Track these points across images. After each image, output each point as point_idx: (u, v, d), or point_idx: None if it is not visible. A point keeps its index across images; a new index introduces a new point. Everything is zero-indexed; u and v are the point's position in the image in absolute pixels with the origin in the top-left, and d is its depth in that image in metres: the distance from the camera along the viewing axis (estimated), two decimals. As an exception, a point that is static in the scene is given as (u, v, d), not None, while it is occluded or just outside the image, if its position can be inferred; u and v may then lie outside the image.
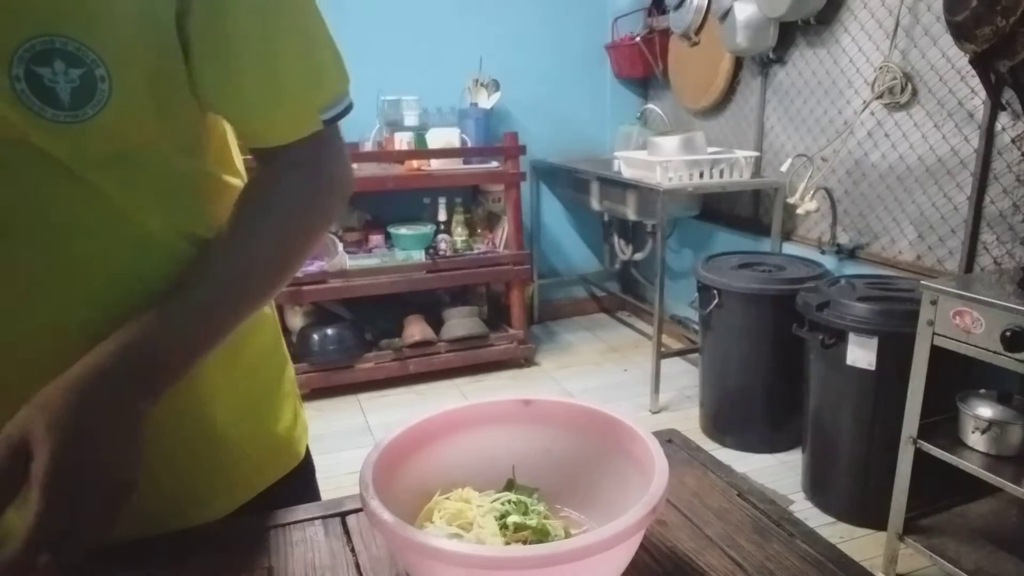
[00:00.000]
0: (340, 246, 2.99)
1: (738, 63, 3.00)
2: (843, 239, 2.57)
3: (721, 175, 2.78)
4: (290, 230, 0.63)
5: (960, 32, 1.70)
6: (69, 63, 0.48)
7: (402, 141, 3.09)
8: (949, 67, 2.10)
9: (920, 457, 1.76)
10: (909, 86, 2.22)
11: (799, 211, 2.58)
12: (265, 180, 0.63)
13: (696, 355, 2.85)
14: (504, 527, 0.58)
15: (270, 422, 0.76)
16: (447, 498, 0.62)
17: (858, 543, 2.03)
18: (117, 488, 0.50)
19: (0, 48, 0.47)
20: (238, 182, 0.68)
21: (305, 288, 2.84)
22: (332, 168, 0.66)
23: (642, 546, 0.60)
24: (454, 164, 3.22)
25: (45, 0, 0.48)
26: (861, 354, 1.96)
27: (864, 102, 2.37)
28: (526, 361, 3.36)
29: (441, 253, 3.15)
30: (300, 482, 0.80)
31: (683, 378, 3.11)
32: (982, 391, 1.77)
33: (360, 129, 3.13)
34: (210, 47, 0.56)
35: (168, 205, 0.59)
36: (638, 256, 3.67)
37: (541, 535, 0.58)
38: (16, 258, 0.53)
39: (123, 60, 0.51)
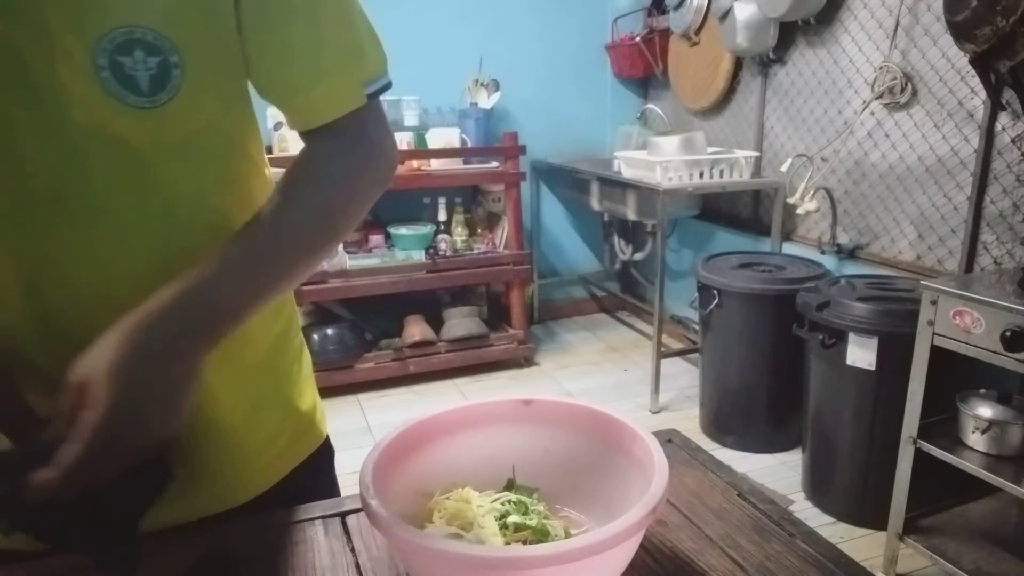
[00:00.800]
0: (340, 246, 2.99)
1: (738, 63, 3.00)
2: (843, 239, 2.57)
3: (721, 175, 2.78)
4: (342, 192, 0.64)
5: (960, 32, 1.70)
6: (148, 52, 0.51)
7: (402, 141, 3.08)
8: (949, 67, 2.10)
9: (920, 457, 1.76)
10: (909, 86, 2.22)
11: (799, 211, 2.58)
12: (313, 150, 0.65)
13: (696, 355, 2.85)
14: (504, 527, 0.58)
15: (296, 402, 0.77)
16: (447, 498, 0.62)
17: (858, 543, 2.03)
18: (153, 444, 0.51)
19: (87, 38, 0.49)
20: (268, 172, 0.71)
21: (305, 288, 2.84)
22: (377, 136, 0.67)
23: (642, 546, 0.60)
24: (454, 164, 3.22)
25: None
26: (861, 354, 1.96)
27: (864, 102, 2.37)
28: (526, 361, 3.36)
29: (441, 253, 3.15)
30: (324, 465, 0.82)
31: (683, 378, 3.11)
32: (982, 391, 1.77)
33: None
34: (262, 25, 0.58)
35: (219, 187, 0.62)
36: (638, 256, 3.67)
37: (541, 535, 0.58)
38: (69, 228, 0.54)
39: (192, 48, 0.54)
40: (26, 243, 0.54)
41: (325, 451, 0.83)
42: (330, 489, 0.84)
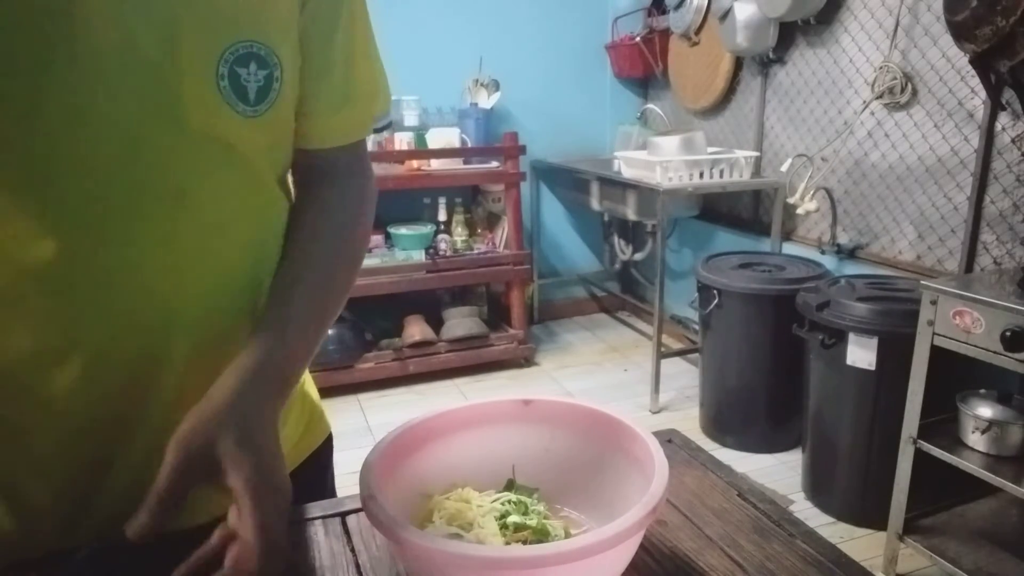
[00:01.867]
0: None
1: (738, 63, 3.00)
2: (843, 239, 2.57)
3: (721, 175, 2.78)
4: (357, 235, 0.71)
5: (960, 32, 1.70)
6: (260, 65, 0.56)
7: (402, 141, 3.09)
8: (949, 67, 2.10)
9: (920, 457, 1.76)
10: (909, 86, 2.22)
11: (799, 211, 2.58)
12: (328, 189, 0.69)
13: (696, 355, 2.85)
14: (504, 527, 0.58)
15: (309, 392, 0.80)
16: (447, 498, 0.62)
17: (858, 543, 2.03)
18: (289, 500, 0.54)
19: (217, 48, 0.54)
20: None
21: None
22: (371, 175, 0.74)
23: (642, 546, 0.60)
24: (454, 164, 3.22)
25: (250, 11, 0.55)
26: (861, 354, 1.96)
27: (864, 102, 2.37)
28: (526, 361, 3.36)
29: (441, 253, 3.15)
30: (325, 460, 0.84)
31: (683, 378, 3.11)
32: (982, 391, 1.77)
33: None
34: (309, 43, 0.62)
35: (283, 186, 0.67)
36: (638, 256, 3.67)
37: (541, 535, 0.58)
38: (185, 221, 0.58)
39: (288, 64, 0.59)
40: (147, 236, 0.56)
41: (327, 446, 0.85)
42: (329, 484, 0.85)
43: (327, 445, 0.84)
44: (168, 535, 0.63)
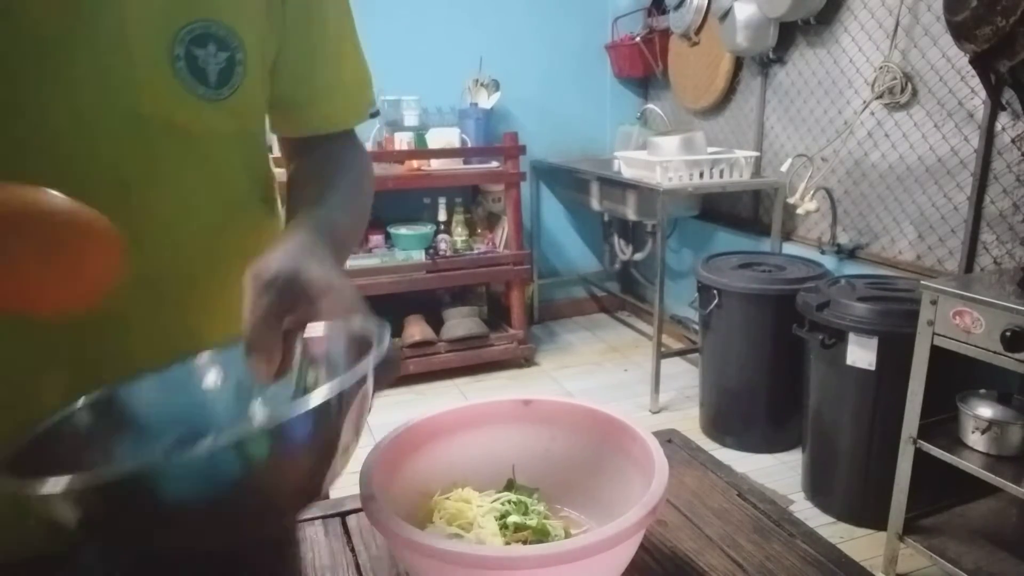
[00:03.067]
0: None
1: (738, 63, 3.00)
2: (843, 239, 2.57)
3: (721, 175, 2.78)
4: (365, 182, 0.71)
5: (960, 32, 1.70)
6: (219, 46, 0.54)
7: (402, 141, 3.09)
8: (949, 67, 2.10)
9: (920, 457, 1.76)
10: (909, 86, 2.22)
11: (799, 211, 2.58)
12: (332, 149, 0.70)
13: (696, 355, 2.85)
14: (504, 527, 0.58)
15: None
16: (447, 498, 0.62)
17: (858, 543, 2.03)
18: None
19: (168, 29, 0.52)
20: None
21: (305, 288, 2.83)
22: (368, 158, 0.76)
23: (642, 546, 0.60)
24: (454, 164, 3.22)
25: None
26: (861, 354, 1.96)
27: (864, 102, 2.37)
28: (526, 361, 3.36)
29: (441, 253, 3.15)
30: None
31: (683, 378, 3.11)
32: (982, 391, 1.77)
33: (360, 129, 3.09)
34: (301, 33, 0.62)
35: (254, 176, 0.66)
36: (638, 256, 3.67)
37: (541, 535, 0.58)
38: (133, 212, 0.55)
39: (253, 47, 0.57)
40: None
41: None
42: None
43: None
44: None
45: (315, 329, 0.50)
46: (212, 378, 0.53)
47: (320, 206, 0.60)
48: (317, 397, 0.37)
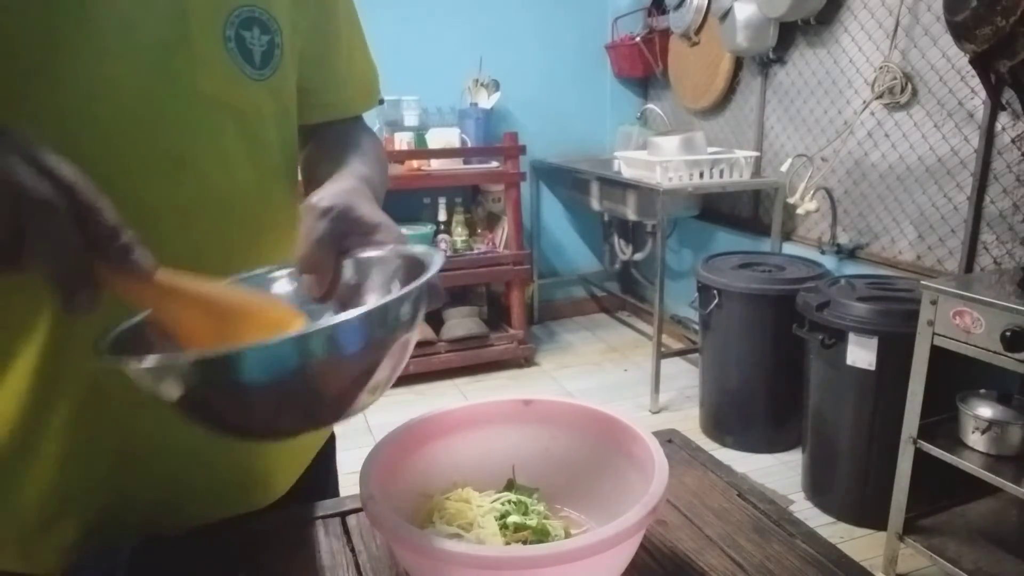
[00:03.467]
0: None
1: (738, 63, 3.00)
2: (843, 239, 2.57)
3: (721, 175, 2.78)
4: (382, 155, 0.76)
5: (960, 32, 1.70)
6: (262, 30, 0.59)
7: (402, 141, 3.09)
8: (949, 67, 2.10)
9: (920, 457, 1.76)
10: (909, 86, 2.22)
11: (799, 211, 2.58)
12: (346, 129, 0.75)
13: (696, 355, 2.85)
14: (504, 527, 0.58)
15: None
16: (447, 498, 0.62)
17: (858, 543, 2.03)
18: None
19: (222, 12, 0.57)
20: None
21: (305, 288, 2.83)
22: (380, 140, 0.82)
23: (642, 546, 0.60)
24: (454, 164, 3.21)
25: None
26: (861, 354, 1.96)
27: (864, 102, 2.37)
28: (526, 361, 3.36)
29: (441, 253, 3.15)
30: (329, 459, 0.84)
31: (683, 378, 3.11)
32: (982, 391, 1.77)
33: (360, 129, 3.13)
34: (320, 22, 0.68)
35: (284, 153, 0.68)
36: (638, 256, 3.67)
37: (541, 535, 0.58)
38: (187, 182, 0.59)
39: (287, 33, 0.62)
40: (147, 200, 0.56)
41: (331, 446, 0.85)
42: (332, 484, 0.86)
43: (330, 445, 0.85)
44: (194, 534, 0.64)
45: (367, 252, 0.54)
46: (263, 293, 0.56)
47: (350, 165, 0.64)
48: (371, 304, 0.43)
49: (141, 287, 0.42)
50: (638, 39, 3.45)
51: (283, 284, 0.56)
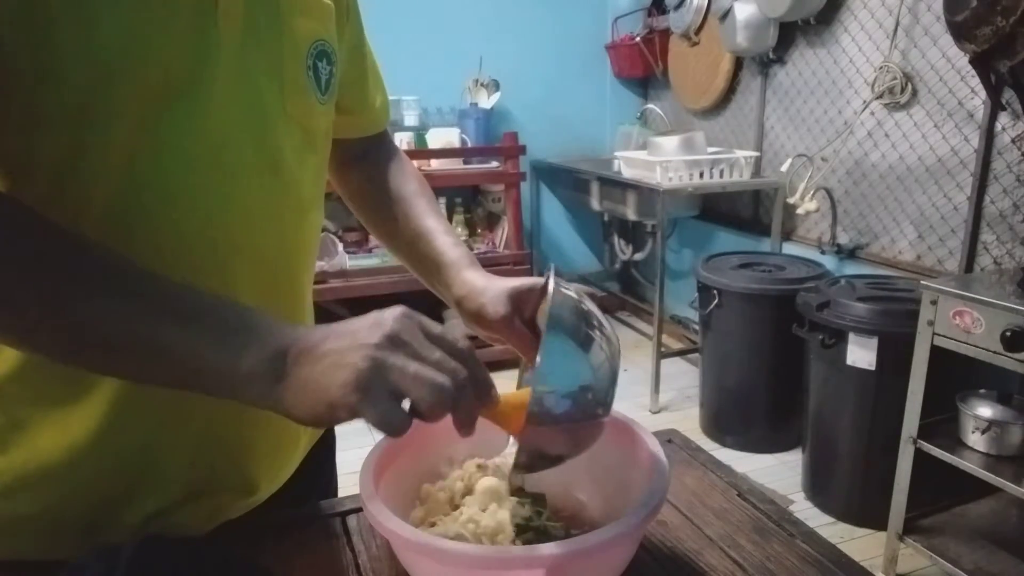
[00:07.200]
0: (340, 246, 2.99)
1: (738, 63, 3.00)
2: (843, 239, 2.57)
3: (721, 175, 2.78)
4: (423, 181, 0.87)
5: (960, 32, 1.70)
6: (328, 61, 0.67)
7: (402, 141, 3.09)
8: (949, 67, 2.10)
9: (920, 457, 1.76)
10: (909, 86, 2.22)
11: (799, 211, 2.58)
12: (383, 155, 0.86)
13: (696, 355, 2.85)
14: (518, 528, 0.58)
15: None
16: (447, 497, 0.62)
17: (858, 543, 2.03)
18: None
19: (306, 45, 0.64)
20: None
21: (305, 288, 2.83)
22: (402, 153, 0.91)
23: (642, 546, 0.60)
24: (454, 164, 3.21)
25: (322, 19, 0.67)
26: (861, 354, 1.96)
27: (864, 102, 2.37)
28: (526, 361, 3.35)
29: (441, 253, 3.14)
30: (328, 459, 0.85)
31: (683, 378, 3.11)
32: (982, 391, 1.77)
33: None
34: (355, 52, 0.77)
35: (322, 173, 0.75)
36: (638, 256, 3.67)
37: (541, 535, 0.58)
38: (277, 191, 0.65)
39: (339, 62, 0.70)
40: (248, 200, 0.62)
41: (331, 446, 0.85)
42: (332, 484, 0.86)
43: (330, 445, 0.85)
44: (196, 536, 0.64)
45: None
46: None
47: (438, 233, 0.78)
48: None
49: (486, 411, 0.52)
50: (638, 39, 3.45)
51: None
